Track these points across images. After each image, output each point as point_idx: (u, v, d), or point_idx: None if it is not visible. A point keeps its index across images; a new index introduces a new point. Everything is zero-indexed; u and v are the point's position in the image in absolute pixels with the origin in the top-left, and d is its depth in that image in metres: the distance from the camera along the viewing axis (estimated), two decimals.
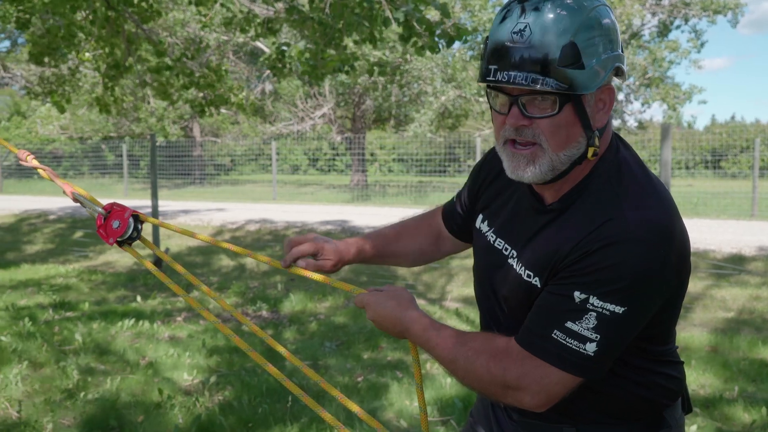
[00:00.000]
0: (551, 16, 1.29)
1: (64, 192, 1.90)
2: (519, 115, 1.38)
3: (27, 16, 8.84)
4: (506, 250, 1.58)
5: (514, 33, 1.31)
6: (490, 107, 1.46)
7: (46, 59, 9.91)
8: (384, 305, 1.60)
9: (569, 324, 1.35)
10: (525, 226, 1.54)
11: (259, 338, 5.94)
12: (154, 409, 4.31)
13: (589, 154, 1.41)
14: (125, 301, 7.46)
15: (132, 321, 6.33)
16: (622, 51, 1.42)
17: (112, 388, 4.65)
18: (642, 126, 27.85)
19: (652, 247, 1.33)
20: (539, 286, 1.45)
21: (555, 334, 1.36)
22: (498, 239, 1.61)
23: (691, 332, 6.11)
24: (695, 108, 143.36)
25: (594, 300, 1.33)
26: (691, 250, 1.47)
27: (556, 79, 1.30)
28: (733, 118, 69.66)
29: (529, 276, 1.47)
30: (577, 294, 1.34)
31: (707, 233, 10.87)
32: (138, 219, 1.84)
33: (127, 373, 5.01)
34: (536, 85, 1.31)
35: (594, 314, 1.33)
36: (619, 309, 1.33)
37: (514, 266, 1.53)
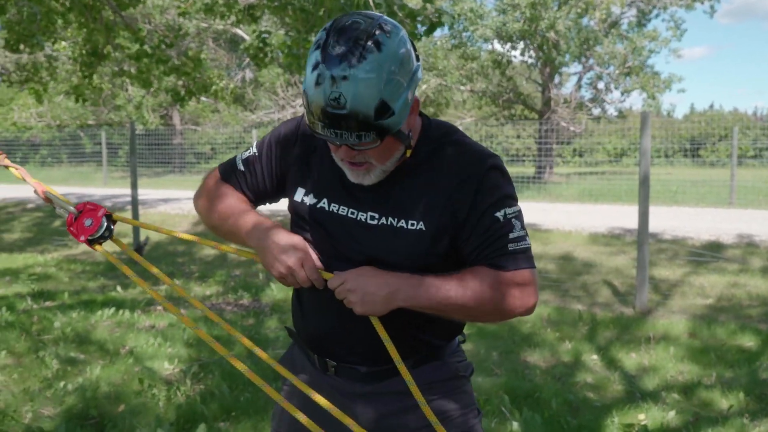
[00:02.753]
0: (359, 85, 1.44)
1: (35, 192, 1.88)
2: (348, 150, 1.58)
3: (2, 1, 8.69)
4: (355, 213, 1.72)
5: (331, 100, 1.45)
6: None
7: (22, 46, 9.76)
8: (366, 272, 1.66)
9: (511, 235, 1.68)
10: (367, 189, 1.70)
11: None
12: (135, 399, 4.30)
13: (408, 153, 1.66)
14: (105, 290, 7.41)
15: (112, 310, 6.29)
16: (418, 59, 1.59)
17: (92, 378, 4.62)
18: (622, 115, 27.96)
19: (495, 154, 1.73)
20: (424, 229, 1.68)
21: (510, 246, 1.67)
22: (341, 207, 1.73)
23: (670, 319, 6.18)
24: (674, 97, 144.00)
25: (507, 210, 1.68)
26: (671, 237, 1.59)
27: (375, 131, 1.50)
28: (711, 106, 70.21)
29: (412, 225, 1.68)
30: (498, 215, 1.67)
31: (686, 221, 10.98)
32: (111, 219, 1.83)
33: (107, 362, 4.97)
34: (359, 141, 1.50)
35: (513, 218, 1.69)
36: (517, 206, 1.72)
37: (386, 224, 1.69)
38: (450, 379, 1.86)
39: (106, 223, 1.81)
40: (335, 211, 1.73)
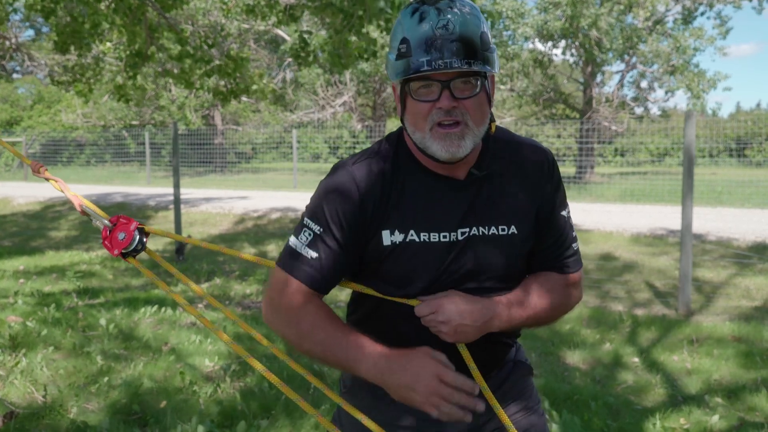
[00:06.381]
0: (465, 13, 1.54)
1: (73, 204, 1.93)
2: (450, 97, 1.56)
3: (52, 5, 8.90)
4: (447, 236, 1.66)
5: (439, 28, 1.52)
6: (404, 99, 1.62)
7: (71, 48, 9.98)
8: (459, 303, 1.62)
9: (572, 233, 1.82)
10: (453, 205, 1.67)
11: None
12: (177, 395, 4.36)
13: (492, 129, 1.72)
14: (148, 288, 7.53)
15: (154, 308, 6.40)
16: None
17: (135, 374, 4.70)
18: (665, 114, 27.49)
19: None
20: (516, 232, 1.71)
21: (573, 246, 1.82)
22: (431, 234, 1.66)
23: (714, 321, 6.07)
24: (720, 95, 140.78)
25: (567, 205, 1.81)
26: (715, 238, 1.55)
27: (482, 61, 1.54)
28: (758, 105, 68.58)
29: (503, 230, 1.70)
30: (563, 214, 1.79)
31: (731, 222, 10.76)
32: (143, 232, 1.86)
33: (149, 359, 5.06)
34: (471, 67, 1.52)
35: (569, 215, 1.81)
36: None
37: (477, 234, 1.68)
38: (528, 375, 1.93)
39: (138, 237, 1.84)
40: (426, 240, 1.65)
